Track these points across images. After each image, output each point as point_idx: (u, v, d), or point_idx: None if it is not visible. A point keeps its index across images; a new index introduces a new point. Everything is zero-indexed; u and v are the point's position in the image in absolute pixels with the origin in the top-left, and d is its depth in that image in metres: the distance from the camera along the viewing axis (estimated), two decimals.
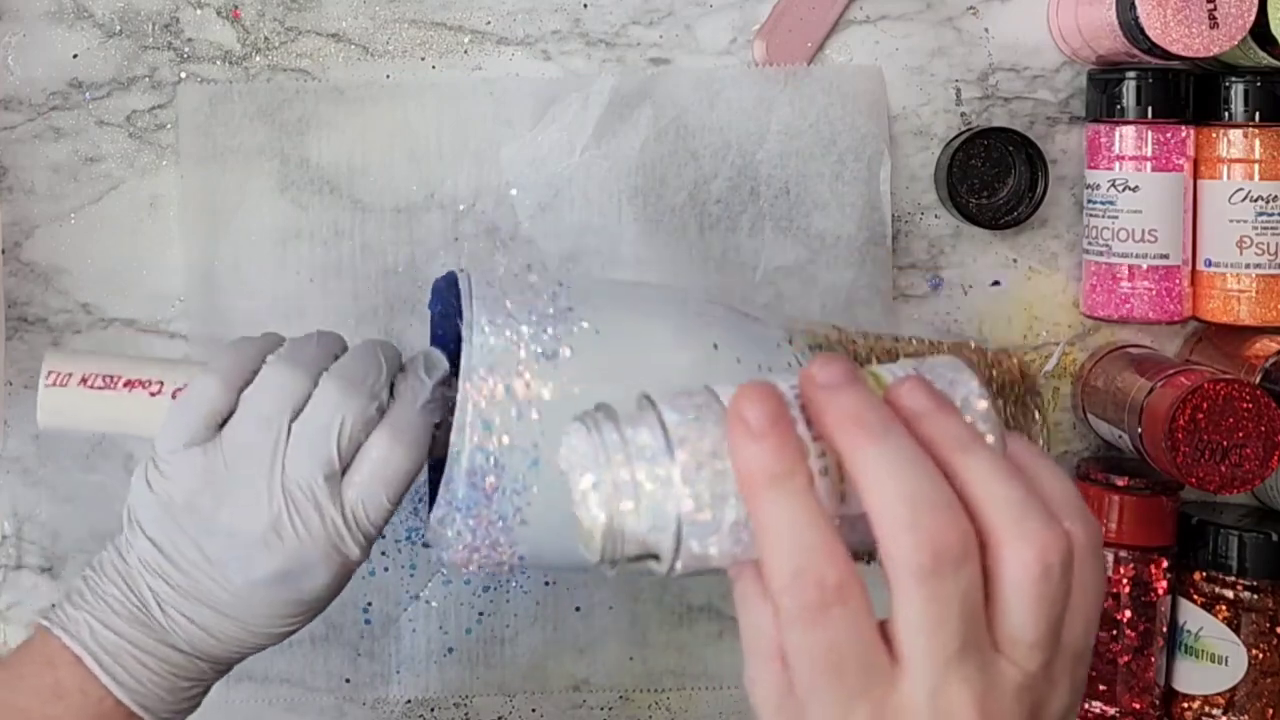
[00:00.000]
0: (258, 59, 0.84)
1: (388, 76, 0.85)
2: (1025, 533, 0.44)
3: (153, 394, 0.66)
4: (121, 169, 0.84)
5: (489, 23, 0.85)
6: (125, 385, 0.66)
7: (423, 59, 0.85)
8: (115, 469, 0.85)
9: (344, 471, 0.64)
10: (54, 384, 0.67)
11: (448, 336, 0.70)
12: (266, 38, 0.84)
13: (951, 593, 0.43)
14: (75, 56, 0.84)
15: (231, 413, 0.65)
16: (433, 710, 0.86)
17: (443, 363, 0.67)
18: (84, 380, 0.66)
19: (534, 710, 0.87)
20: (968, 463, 0.45)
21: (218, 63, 0.84)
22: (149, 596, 0.65)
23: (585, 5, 0.85)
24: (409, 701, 0.86)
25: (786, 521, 0.44)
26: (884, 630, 0.44)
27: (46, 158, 0.84)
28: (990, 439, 0.47)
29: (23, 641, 0.67)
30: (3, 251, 0.84)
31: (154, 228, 0.85)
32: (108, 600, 0.65)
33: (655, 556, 0.46)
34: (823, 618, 0.43)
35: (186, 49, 0.84)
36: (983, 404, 0.47)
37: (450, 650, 0.86)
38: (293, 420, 0.64)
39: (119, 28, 0.84)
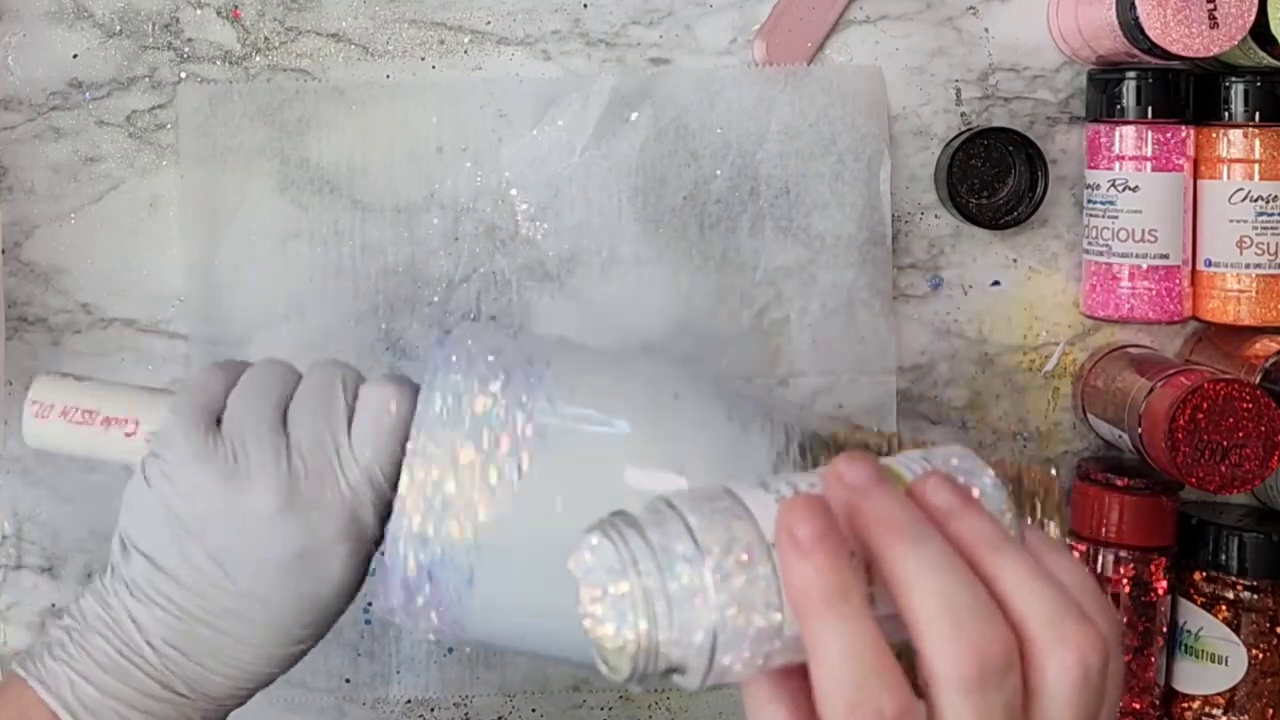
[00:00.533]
0: (258, 59, 0.84)
1: (388, 76, 0.85)
2: (1064, 636, 0.44)
3: (128, 434, 0.66)
4: (121, 169, 0.84)
5: (489, 23, 0.85)
6: (103, 423, 0.66)
7: (423, 59, 0.85)
8: (115, 469, 0.84)
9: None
10: (36, 415, 0.67)
11: None
12: (266, 38, 0.84)
13: (995, 703, 0.42)
14: (75, 56, 0.84)
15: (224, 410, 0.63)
16: (433, 710, 0.86)
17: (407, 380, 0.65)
18: (64, 413, 0.66)
19: (534, 710, 0.87)
20: (1001, 564, 0.44)
21: (218, 63, 0.84)
22: (138, 637, 0.61)
23: (585, 5, 0.85)
24: (409, 701, 0.86)
25: (844, 646, 0.42)
26: None
27: (46, 158, 0.84)
28: (1011, 533, 0.46)
29: None
30: (3, 251, 0.84)
31: (154, 228, 0.85)
32: (90, 652, 0.61)
33: (682, 670, 0.44)
34: None
35: (186, 49, 0.84)
36: (1001, 495, 0.47)
37: (450, 650, 0.86)
38: (288, 400, 0.63)
39: (119, 28, 0.84)
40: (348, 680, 0.85)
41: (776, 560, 0.44)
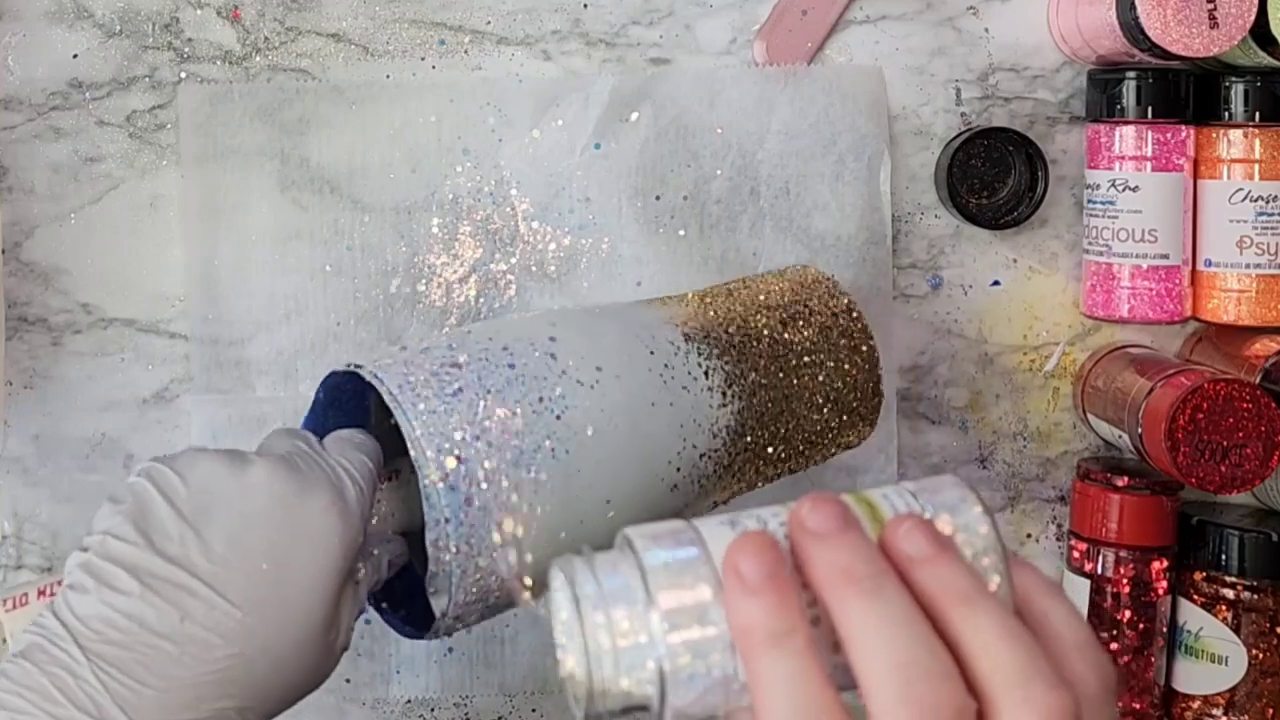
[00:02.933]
0: (258, 59, 0.84)
1: (388, 76, 0.85)
2: (1029, 698, 0.41)
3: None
4: (121, 169, 0.84)
5: (489, 23, 0.85)
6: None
7: (423, 59, 0.85)
8: (115, 469, 0.85)
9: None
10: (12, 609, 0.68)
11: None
12: (266, 38, 0.84)
13: None
14: (75, 56, 0.84)
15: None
16: (433, 710, 0.86)
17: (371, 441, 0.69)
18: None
19: (534, 710, 0.87)
20: (969, 618, 0.42)
21: (218, 63, 0.84)
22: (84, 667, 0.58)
23: (585, 5, 0.85)
24: (409, 701, 0.86)
25: (784, 685, 0.41)
26: None
27: (46, 158, 0.84)
28: (995, 579, 0.44)
29: None
30: (3, 251, 0.84)
31: (154, 228, 0.85)
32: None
33: (644, 707, 0.43)
34: None
35: (186, 49, 0.84)
36: (985, 529, 0.45)
37: (450, 650, 0.86)
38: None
39: (119, 28, 0.84)
40: (348, 680, 0.85)
41: None
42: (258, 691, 0.60)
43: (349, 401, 0.71)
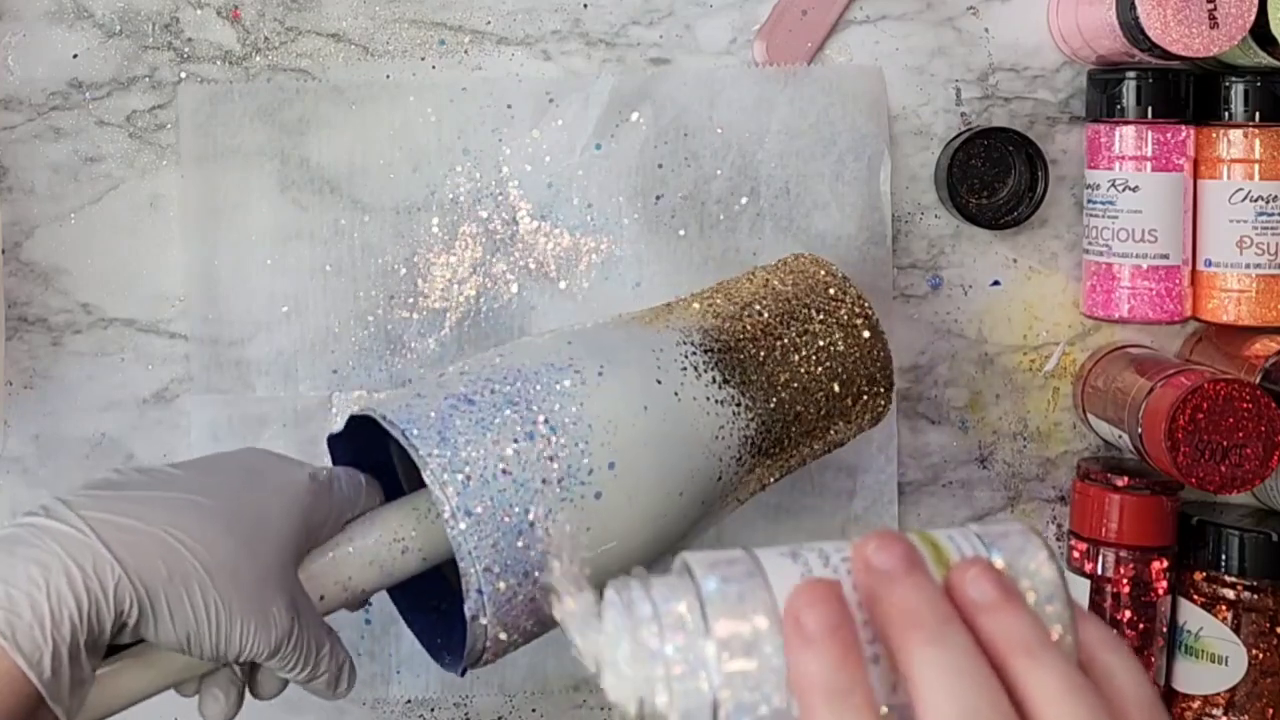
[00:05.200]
0: (258, 59, 0.84)
1: (388, 76, 0.85)
2: None
3: None
4: (121, 169, 0.84)
5: (489, 23, 0.85)
6: None
7: (423, 59, 0.85)
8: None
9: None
10: None
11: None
12: (266, 38, 0.84)
13: None
14: (75, 56, 0.84)
15: None
16: (433, 710, 0.86)
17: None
18: None
19: (534, 710, 0.87)
20: (1032, 670, 0.41)
21: (218, 63, 0.84)
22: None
23: (585, 5, 0.85)
24: (409, 701, 0.86)
25: None
26: None
27: (46, 158, 0.84)
28: (1059, 628, 0.43)
29: None
30: (3, 251, 0.84)
31: (154, 228, 0.85)
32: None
33: None
34: None
35: (186, 49, 0.84)
36: (1051, 576, 0.44)
37: None
38: None
39: (119, 28, 0.84)
40: None
41: None
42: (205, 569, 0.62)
43: (367, 441, 0.71)
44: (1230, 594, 0.81)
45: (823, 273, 0.76)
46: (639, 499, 0.67)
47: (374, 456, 0.72)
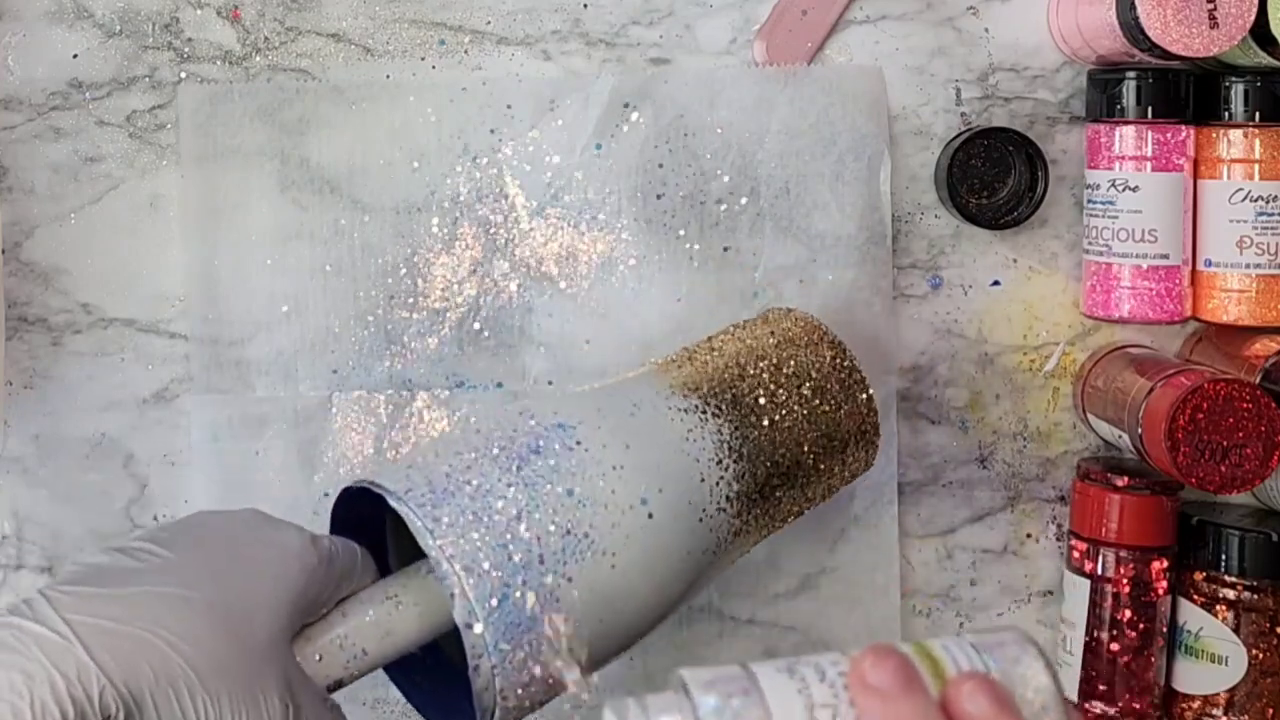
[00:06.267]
0: (258, 59, 0.84)
1: (388, 76, 0.85)
2: None
3: None
4: (121, 169, 0.84)
5: (489, 23, 0.85)
6: None
7: (423, 59, 0.85)
8: (115, 469, 0.85)
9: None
10: None
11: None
12: (266, 38, 0.84)
13: None
14: (75, 56, 0.84)
15: None
16: None
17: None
18: None
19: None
20: None
21: (218, 63, 0.84)
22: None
23: (585, 5, 0.85)
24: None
25: None
26: None
27: (46, 158, 0.84)
28: None
29: None
30: (3, 251, 0.84)
31: (154, 228, 0.85)
32: None
33: None
34: None
35: (186, 49, 0.84)
36: (1046, 684, 0.45)
37: None
38: None
39: (119, 28, 0.84)
40: None
41: None
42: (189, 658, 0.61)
43: (366, 509, 0.71)
44: (1230, 594, 0.81)
45: (810, 330, 0.77)
46: (646, 571, 0.68)
47: (360, 510, 0.72)
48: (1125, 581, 0.82)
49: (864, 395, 0.75)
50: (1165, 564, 0.82)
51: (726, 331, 0.78)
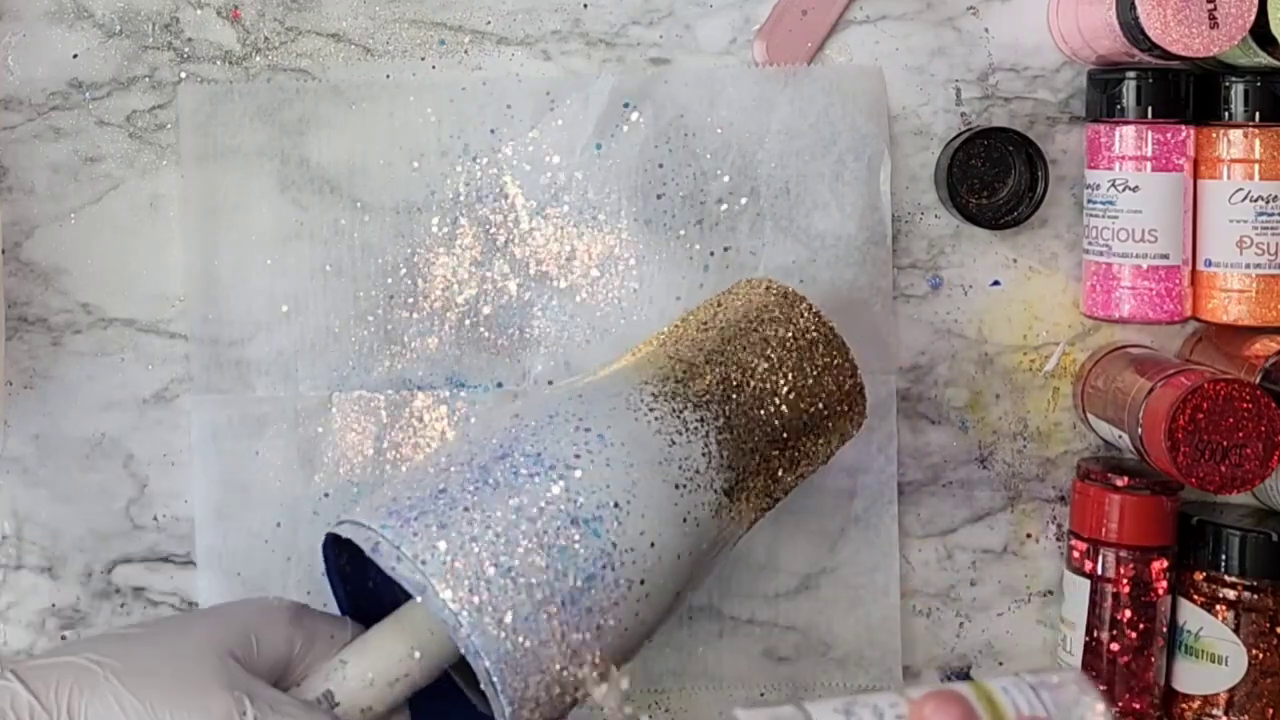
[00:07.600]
0: (258, 59, 0.84)
1: (388, 76, 0.85)
2: None
3: None
4: (121, 169, 0.84)
5: (489, 23, 0.85)
6: None
7: (423, 59, 0.85)
8: (115, 469, 0.85)
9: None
10: None
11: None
12: (266, 38, 0.84)
13: None
14: (75, 56, 0.84)
15: None
16: None
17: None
18: None
19: None
20: None
21: (218, 63, 0.84)
22: None
23: (585, 5, 0.85)
24: None
25: None
26: None
27: (46, 158, 0.84)
28: None
29: None
30: (3, 251, 0.84)
31: (154, 228, 0.85)
32: None
33: None
34: None
35: (186, 49, 0.84)
36: None
37: None
38: None
39: (119, 28, 0.84)
40: None
41: None
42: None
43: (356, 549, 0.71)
44: (1230, 594, 0.81)
45: (782, 298, 0.77)
46: (648, 572, 0.69)
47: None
48: (1125, 581, 0.82)
49: (844, 355, 0.75)
50: (1165, 564, 0.82)
51: (698, 310, 0.78)
